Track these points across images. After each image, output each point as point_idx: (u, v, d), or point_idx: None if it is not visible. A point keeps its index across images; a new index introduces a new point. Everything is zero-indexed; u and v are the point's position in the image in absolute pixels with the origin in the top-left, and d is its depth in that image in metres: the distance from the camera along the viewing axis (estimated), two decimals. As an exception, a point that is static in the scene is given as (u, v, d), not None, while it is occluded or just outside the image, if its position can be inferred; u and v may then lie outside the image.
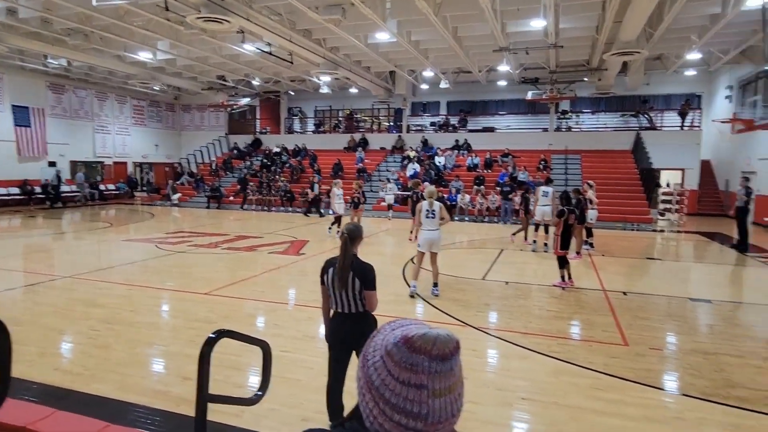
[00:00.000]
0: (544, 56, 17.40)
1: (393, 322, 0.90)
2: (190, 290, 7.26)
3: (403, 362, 0.81)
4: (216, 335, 2.13)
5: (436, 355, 0.81)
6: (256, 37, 14.83)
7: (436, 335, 0.83)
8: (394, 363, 0.82)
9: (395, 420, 0.80)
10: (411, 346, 0.81)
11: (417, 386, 0.80)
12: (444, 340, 0.82)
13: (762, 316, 6.72)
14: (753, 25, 13.26)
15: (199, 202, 22.38)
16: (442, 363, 0.81)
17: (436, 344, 0.81)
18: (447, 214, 6.97)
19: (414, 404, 0.80)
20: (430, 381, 0.80)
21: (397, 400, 0.80)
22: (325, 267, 3.21)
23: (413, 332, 0.83)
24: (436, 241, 6.81)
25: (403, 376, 0.80)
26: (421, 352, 0.81)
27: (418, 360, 0.80)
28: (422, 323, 0.88)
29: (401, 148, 23.82)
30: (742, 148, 18.75)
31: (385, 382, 0.82)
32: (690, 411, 3.84)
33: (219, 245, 11.46)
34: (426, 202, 6.82)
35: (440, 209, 6.81)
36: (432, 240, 6.78)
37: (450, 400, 0.81)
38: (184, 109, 29.08)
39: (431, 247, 6.83)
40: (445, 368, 0.81)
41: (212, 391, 3.83)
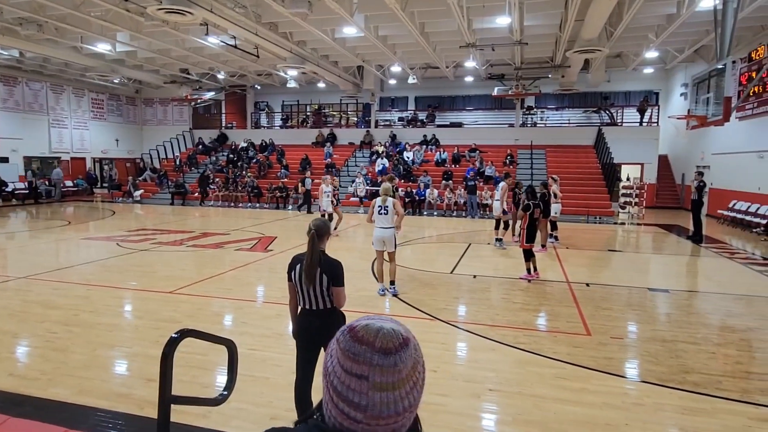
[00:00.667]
0: (509, 53, 17.67)
1: (364, 317, 0.90)
2: (153, 289, 7.06)
3: (347, 350, 0.82)
4: (179, 335, 2.07)
5: (379, 348, 0.81)
6: (221, 30, 14.46)
7: (379, 327, 0.83)
8: (341, 350, 0.83)
9: (340, 407, 0.81)
10: (354, 336, 0.83)
11: (358, 376, 0.80)
12: (388, 334, 0.82)
13: (715, 304, 7.05)
14: (706, 26, 13.84)
15: (163, 198, 21.76)
16: (384, 357, 0.80)
17: (379, 337, 0.82)
18: (401, 210, 6.83)
19: (355, 394, 0.80)
20: (371, 373, 0.80)
21: (342, 388, 0.81)
22: (293, 263, 3.17)
23: (360, 323, 0.85)
24: (389, 239, 6.61)
25: (347, 364, 0.81)
26: (363, 342, 0.82)
27: (360, 350, 0.81)
28: (389, 319, 0.88)
29: (370, 143, 23.78)
30: (696, 143, 19.59)
31: (334, 368, 0.83)
32: (648, 397, 4.00)
33: (184, 242, 11.18)
34: (379, 199, 6.63)
35: (393, 205, 6.62)
36: (384, 238, 6.60)
37: (394, 397, 0.80)
38: (146, 103, 28.15)
39: (385, 245, 6.67)
40: (387, 362, 0.80)
41: (178, 392, 3.74)
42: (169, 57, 19.16)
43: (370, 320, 0.86)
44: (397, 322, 0.88)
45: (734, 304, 6.94)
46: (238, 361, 2.79)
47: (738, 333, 5.68)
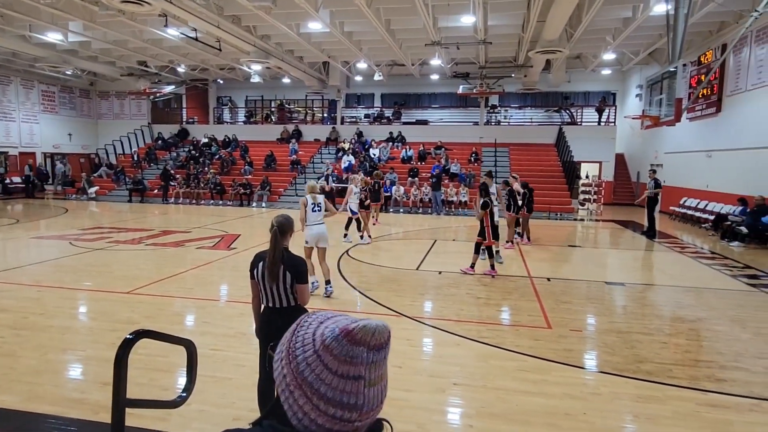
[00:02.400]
0: (474, 52, 17.90)
1: (313, 314, 0.88)
2: (109, 289, 6.80)
3: (342, 355, 0.80)
4: (134, 336, 1.99)
5: (374, 346, 0.81)
6: (181, 22, 14.02)
7: (375, 326, 0.83)
8: (333, 357, 0.80)
9: (330, 414, 0.79)
10: (352, 339, 0.80)
11: (355, 378, 0.80)
12: (381, 330, 0.83)
13: (667, 296, 7.38)
14: (659, 30, 14.42)
15: (120, 195, 20.97)
16: (378, 353, 0.82)
17: (375, 335, 0.82)
18: (332, 207, 7.02)
19: (351, 396, 0.80)
20: (367, 371, 0.81)
21: (334, 394, 0.79)
22: (255, 261, 3.11)
23: (352, 325, 0.82)
24: (324, 235, 6.66)
25: (342, 369, 0.80)
26: (361, 344, 0.81)
27: (358, 352, 0.80)
28: (344, 314, 0.87)
29: (336, 140, 23.64)
30: (650, 142, 20.44)
31: (320, 377, 0.80)
32: (605, 386, 4.14)
33: (142, 241, 10.81)
34: (309, 196, 6.70)
35: (324, 202, 6.76)
36: (320, 234, 6.63)
37: (380, 389, 0.84)
38: (101, 96, 27.00)
39: (318, 242, 6.65)
40: (380, 357, 0.82)
41: (136, 395, 3.62)
42: (125, 48, 18.44)
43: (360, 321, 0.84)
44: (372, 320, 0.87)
45: (684, 295, 7.29)
46: (198, 362, 2.72)
47: (687, 323, 5.96)
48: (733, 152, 13.91)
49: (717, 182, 14.78)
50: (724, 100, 14.64)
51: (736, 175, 13.72)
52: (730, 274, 8.63)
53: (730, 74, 14.37)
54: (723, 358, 4.81)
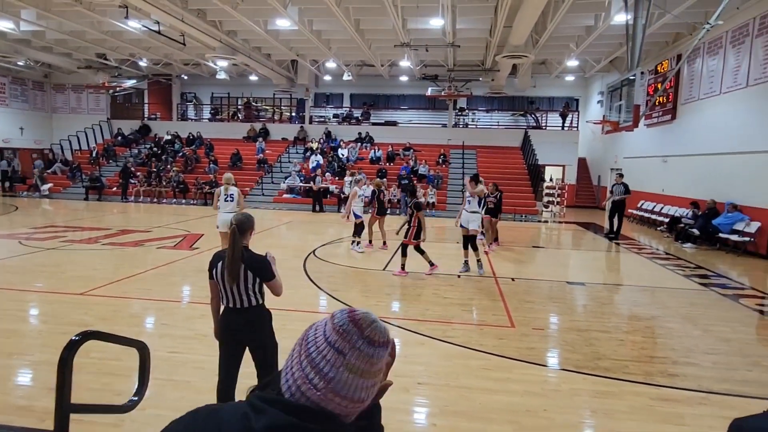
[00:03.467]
0: (442, 54, 18.08)
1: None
2: (62, 291, 6.49)
3: (339, 325, 0.89)
4: (80, 337, 1.89)
5: (367, 336, 0.89)
6: (143, 14, 13.58)
7: (374, 320, 0.92)
8: (332, 325, 0.90)
9: (305, 372, 0.87)
10: (352, 317, 0.91)
11: (338, 350, 0.87)
12: (379, 328, 0.92)
13: (624, 295, 7.63)
14: (619, 39, 14.94)
15: (76, 193, 20.12)
16: (368, 345, 0.89)
17: (372, 327, 0.90)
18: (243, 202, 7.93)
19: (327, 364, 0.86)
20: (351, 352, 0.87)
21: (317, 356, 0.87)
22: (214, 260, 3.03)
23: (361, 310, 0.93)
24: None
25: (333, 337, 0.88)
26: (357, 325, 0.89)
27: (351, 330, 0.89)
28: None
29: (304, 140, 23.42)
30: (611, 147, 21.14)
31: (316, 338, 0.89)
32: (565, 383, 4.24)
33: (99, 240, 10.39)
34: (223, 188, 7.77)
35: (238, 195, 7.78)
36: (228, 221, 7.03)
37: (357, 384, 0.87)
38: (56, 89, 25.82)
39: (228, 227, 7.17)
40: (368, 351, 0.88)
41: (88, 400, 3.45)
42: (83, 40, 17.72)
43: (369, 312, 0.94)
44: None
45: (640, 294, 7.56)
46: (156, 365, 2.62)
47: (643, 321, 6.18)
48: (686, 158, 14.55)
49: (672, 186, 15.42)
50: (679, 108, 15.30)
51: (689, 179, 14.35)
52: (682, 274, 9.01)
53: (684, 83, 15.03)
54: (675, 354, 5.00)
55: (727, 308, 6.83)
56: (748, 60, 11.60)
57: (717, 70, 13.11)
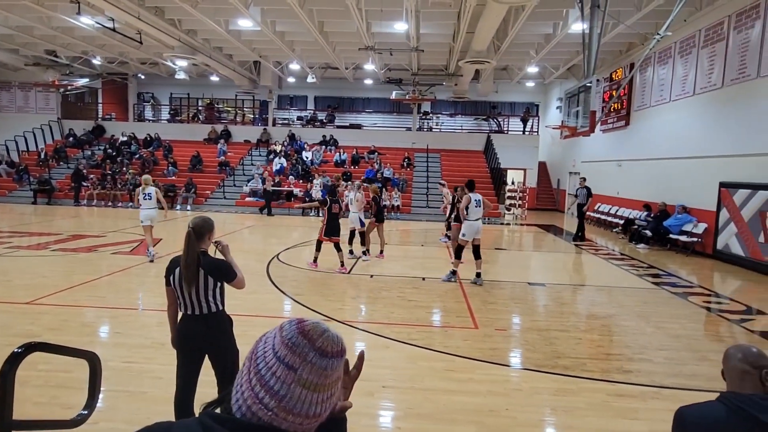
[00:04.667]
0: (407, 58, 18.22)
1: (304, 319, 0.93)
2: (6, 300, 6.13)
3: (287, 339, 0.84)
4: (23, 349, 1.78)
5: (319, 348, 0.84)
6: (97, 10, 13.04)
7: (325, 329, 0.87)
8: (281, 338, 0.85)
9: (255, 391, 0.82)
10: (301, 329, 0.86)
11: (288, 366, 0.82)
12: (332, 338, 0.87)
13: (583, 295, 7.87)
14: (576, 47, 15.47)
15: (23, 196, 19.10)
16: (320, 357, 0.84)
17: (323, 338, 0.86)
18: (163, 200, 9.12)
19: (278, 381, 0.81)
20: (303, 368, 0.82)
21: (266, 373, 0.82)
22: (171, 266, 2.92)
23: (311, 320, 0.88)
24: (155, 216, 8.95)
25: (282, 352, 0.83)
26: (306, 337, 0.84)
27: (301, 342, 0.84)
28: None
29: (267, 142, 23.08)
30: (569, 151, 21.83)
31: (265, 354, 0.84)
32: (526, 382, 4.32)
33: (48, 246, 9.90)
34: (141, 187, 8.89)
35: (155, 193, 8.89)
36: (151, 216, 8.91)
37: (312, 399, 0.83)
38: (2, 87, 24.43)
39: (152, 221, 8.93)
40: (320, 364, 0.84)
41: (35, 415, 3.27)
42: (31, 36, 16.88)
43: (321, 322, 0.89)
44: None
45: (598, 294, 7.82)
46: (109, 375, 2.50)
47: (600, 320, 6.39)
48: (639, 162, 15.19)
49: (626, 189, 16.06)
50: (632, 115, 15.97)
51: (642, 183, 14.99)
52: (636, 274, 9.38)
53: (637, 91, 15.70)
54: (630, 350, 5.19)
55: (678, 306, 7.16)
56: (695, 69, 12.25)
57: (667, 78, 13.76)
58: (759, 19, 10.01)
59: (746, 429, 1.47)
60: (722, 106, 11.15)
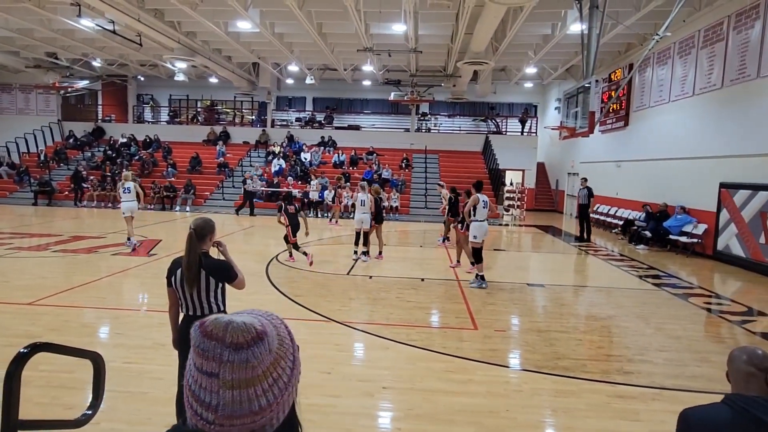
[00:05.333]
0: (405, 60, 18.24)
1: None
2: (7, 301, 6.13)
3: (197, 346, 0.78)
4: (29, 349, 1.79)
5: (230, 343, 0.76)
6: (97, 13, 13.06)
7: (228, 321, 0.78)
8: (193, 348, 0.79)
9: (194, 408, 0.77)
10: (204, 331, 0.78)
11: (208, 374, 0.76)
12: (238, 328, 0.77)
13: (583, 296, 7.88)
14: (575, 47, 15.49)
15: (24, 198, 19.10)
16: (235, 352, 0.76)
17: (229, 331, 0.77)
18: (141, 194, 10.18)
19: (206, 393, 0.76)
20: (222, 370, 0.75)
21: (195, 387, 0.77)
22: (172, 267, 2.93)
23: (210, 317, 0.80)
24: (134, 208, 10.03)
25: (198, 361, 0.77)
26: (213, 337, 0.77)
27: (210, 346, 0.77)
28: (250, 311, 0.83)
29: (266, 143, 23.09)
30: (568, 152, 21.85)
31: (189, 368, 0.80)
32: (526, 383, 4.33)
33: (49, 247, 9.90)
34: (121, 183, 10.10)
35: (134, 187, 10.02)
36: (129, 208, 9.95)
37: (248, 395, 0.76)
38: (2, 89, 24.44)
39: (132, 212, 9.99)
40: (239, 358, 0.76)
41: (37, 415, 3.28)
42: (31, 38, 16.89)
43: (223, 315, 0.81)
44: (260, 315, 0.83)
45: (597, 295, 7.83)
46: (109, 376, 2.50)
47: (600, 321, 6.40)
48: (638, 163, 15.21)
49: (625, 190, 16.08)
50: (631, 115, 15.99)
51: (641, 183, 15.00)
52: (636, 275, 9.39)
53: (636, 91, 15.73)
54: (630, 352, 5.20)
55: (678, 307, 7.17)
56: (694, 70, 12.27)
57: (666, 79, 13.79)
58: (759, 19, 10.03)
59: (751, 431, 1.48)
60: (722, 107, 11.18)
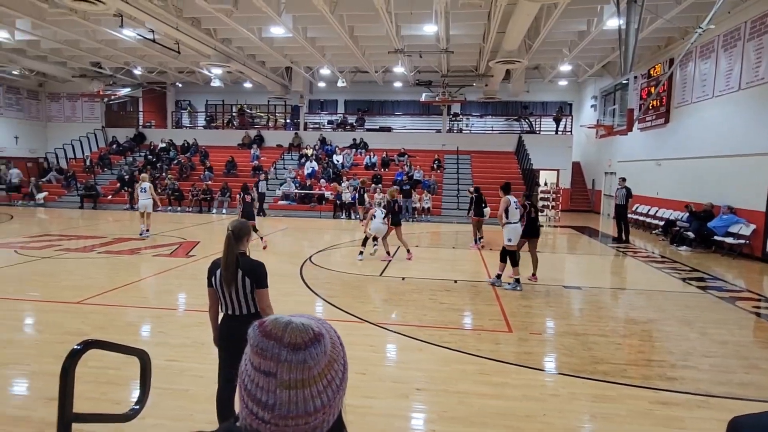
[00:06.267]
0: (436, 60, 18.18)
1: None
2: (57, 300, 6.45)
3: (255, 346, 0.80)
4: (82, 346, 1.89)
5: (288, 343, 0.78)
6: (138, 23, 13.60)
7: (288, 322, 0.81)
8: (251, 347, 0.81)
9: (249, 407, 0.79)
10: (263, 330, 0.80)
11: (266, 373, 0.78)
12: (297, 328, 0.80)
13: (621, 299, 7.66)
14: (612, 43, 15.07)
15: (71, 201, 20.04)
16: (293, 353, 0.78)
17: (288, 331, 0.79)
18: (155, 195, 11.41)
19: (263, 392, 0.78)
20: (280, 369, 0.77)
21: (251, 386, 0.79)
22: (212, 268, 3.02)
23: (269, 317, 0.83)
24: (148, 205, 11.56)
25: (256, 361, 0.79)
26: (271, 337, 0.79)
27: (268, 345, 0.79)
28: (306, 315, 0.85)
29: (298, 146, 23.44)
30: (604, 151, 21.27)
31: (246, 367, 0.81)
32: (563, 387, 4.24)
33: (95, 249, 10.35)
34: (138, 183, 11.51)
35: (149, 188, 11.57)
36: (146, 204, 11.49)
37: (303, 396, 0.77)
38: (51, 98, 25.77)
39: (146, 209, 11.57)
40: (296, 358, 0.78)
41: (86, 410, 3.43)
42: (78, 49, 17.71)
43: (281, 315, 0.84)
44: (314, 318, 0.85)
45: (637, 298, 7.58)
46: (154, 373, 2.61)
47: (640, 324, 6.20)
48: (680, 161, 14.66)
49: (666, 189, 15.52)
50: (672, 112, 15.43)
51: (683, 182, 14.45)
52: (678, 277, 9.05)
53: (677, 87, 15.16)
54: (673, 357, 5.02)
55: (724, 311, 6.87)
56: (740, 63, 11.74)
57: (709, 73, 13.24)
58: (809, 9, 9.51)
59: None
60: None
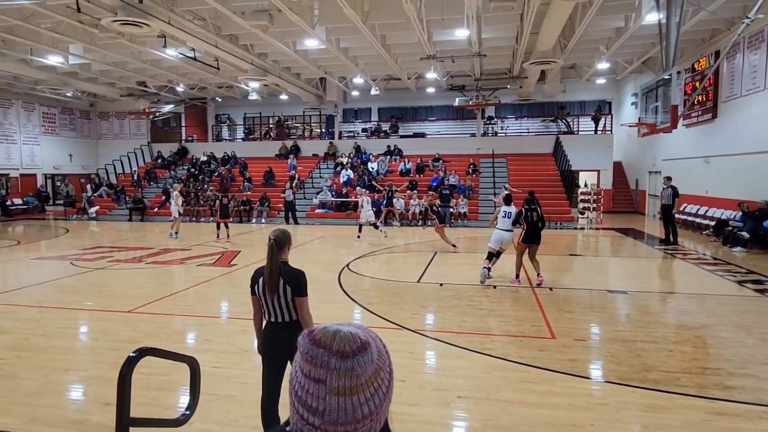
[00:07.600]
0: (469, 64, 18.07)
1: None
2: (110, 309, 6.77)
3: (305, 353, 0.83)
4: (137, 354, 1.99)
5: (337, 351, 0.81)
6: (179, 42, 14.19)
7: (336, 330, 0.83)
8: (301, 355, 0.84)
9: (300, 413, 0.82)
10: (312, 339, 0.83)
11: (316, 380, 0.80)
12: (345, 337, 0.82)
13: (671, 304, 7.34)
14: (652, 38, 14.58)
15: (120, 214, 21.00)
16: (342, 360, 0.80)
17: (336, 340, 0.82)
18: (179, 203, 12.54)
19: (313, 398, 0.80)
20: (329, 376, 0.80)
21: (302, 392, 0.82)
22: (255, 276, 3.11)
23: (319, 326, 0.85)
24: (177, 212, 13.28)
25: (306, 368, 0.82)
26: (321, 345, 0.82)
27: (318, 353, 0.81)
28: (354, 324, 0.88)
29: (334, 155, 23.75)
30: (647, 149, 20.51)
31: (296, 374, 0.84)
32: (611, 396, 4.10)
33: (143, 259, 10.80)
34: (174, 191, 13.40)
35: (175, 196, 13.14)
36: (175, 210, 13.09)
37: (352, 403, 0.79)
38: (101, 117, 27.21)
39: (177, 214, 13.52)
40: (345, 366, 0.80)
41: (138, 414, 3.58)
42: (125, 69, 18.63)
43: (330, 324, 0.86)
44: (361, 327, 0.87)
45: (688, 302, 7.25)
46: (201, 379, 2.70)
47: (692, 330, 5.92)
48: (730, 157, 13.95)
49: (716, 188, 14.80)
50: (720, 106, 14.73)
51: (734, 180, 13.74)
52: (733, 280, 8.59)
53: (724, 80, 14.48)
54: (730, 365, 4.76)
55: (784, 315, 6.47)
56: (793, 53, 11.10)
57: (759, 65, 12.58)
58: None
59: None
60: (829, 92, 10.01)
